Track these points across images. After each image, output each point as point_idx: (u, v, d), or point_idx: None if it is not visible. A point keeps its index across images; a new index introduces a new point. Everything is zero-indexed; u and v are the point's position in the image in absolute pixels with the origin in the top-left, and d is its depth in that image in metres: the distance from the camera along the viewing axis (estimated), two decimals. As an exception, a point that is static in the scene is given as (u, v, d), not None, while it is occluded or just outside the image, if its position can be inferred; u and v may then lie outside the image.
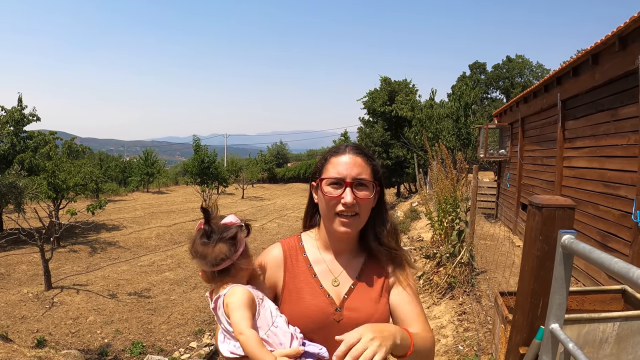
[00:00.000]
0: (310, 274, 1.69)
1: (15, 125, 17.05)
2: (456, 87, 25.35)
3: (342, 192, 1.60)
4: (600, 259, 1.24)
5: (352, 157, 1.65)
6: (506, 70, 48.02)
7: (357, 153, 1.67)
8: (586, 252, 1.34)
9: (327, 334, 1.55)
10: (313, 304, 1.61)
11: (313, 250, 1.75)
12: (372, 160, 1.70)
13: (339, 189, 1.61)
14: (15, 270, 12.42)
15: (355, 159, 1.65)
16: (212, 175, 23.99)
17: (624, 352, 3.83)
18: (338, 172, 1.63)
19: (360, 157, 1.66)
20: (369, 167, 1.66)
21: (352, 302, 1.63)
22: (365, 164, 1.66)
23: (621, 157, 6.21)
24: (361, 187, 1.62)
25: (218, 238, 1.57)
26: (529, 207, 1.84)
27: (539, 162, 10.43)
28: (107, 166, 38.53)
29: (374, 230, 1.73)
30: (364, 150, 1.71)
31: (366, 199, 1.62)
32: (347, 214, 1.61)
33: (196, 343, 8.25)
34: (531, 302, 1.85)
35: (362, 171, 1.63)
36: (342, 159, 1.65)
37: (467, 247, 7.28)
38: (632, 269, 1.08)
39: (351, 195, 1.59)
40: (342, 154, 1.67)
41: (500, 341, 4.27)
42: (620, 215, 6.13)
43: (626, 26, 5.73)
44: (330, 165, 1.67)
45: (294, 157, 64.91)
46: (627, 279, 1.08)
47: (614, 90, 6.53)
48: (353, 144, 1.72)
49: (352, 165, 1.63)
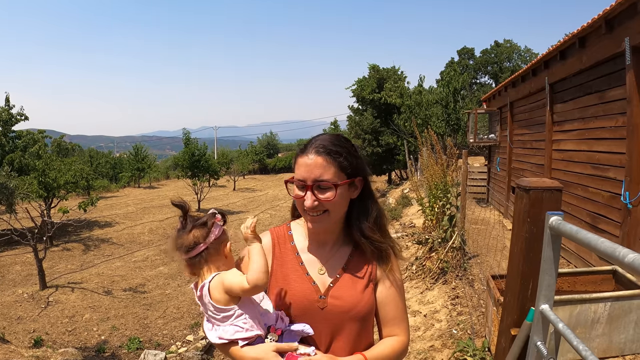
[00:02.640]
0: (297, 261, 1.71)
1: (3, 125, 16.91)
2: (445, 73, 25.30)
3: (304, 194, 1.60)
4: (587, 239, 1.26)
5: (313, 157, 1.60)
6: (494, 55, 48.03)
7: (319, 153, 1.61)
8: (573, 233, 1.37)
9: (310, 321, 1.60)
10: (299, 291, 1.64)
11: (301, 239, 1.77)
12: (338, 156, 1.62)
13: (303, 189, 1.61)
14: (9, 271, 12.37)
15: (316, 160, 1.59)
16: (203, 168, 23.93)
17: (616, 332, 3.89)
18: (300, 175, 1.61)
19: (322, 157, 1.60)
20: (332, 166, 1.60)
21: (337, 291, 1.66)
22: (328, 164, 1.60)
23: (610, 139, 6.25)
24: (322, 189, 1.59)
25: (192, 226, 1.62)
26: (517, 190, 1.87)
27: (529, 146, 10.48)
28: (97, 163, 38.28)
29: (357, 222, 1.71)
30: (328, 148, 1.62)
31: (329, 199, 1.59)
32: (314, 214, 1.62)
33: (193, 336, 8.27)
34: (521, 284, 1.88)
35: (323, 172, 1.59)
36: (305, 160, 1.61)
37: (459, 231, 7.32)
38: (617, 248, 1.10)
39: (312, 198, 1.58)
40: (305, 155, 1.62)
41: (493, 324, 4.33)
42: (609, 196, 6.18)
43: (612, 9, 5.74)
44: (296, 166, 1.64)
45: (284, 147, 64.79)
46: (613, 258, 1.11)
47: (601, 73, 6.56)
48: (319, 141, 1.65)
49: (313, 167, 1.59)
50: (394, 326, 1.71)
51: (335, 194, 1.59)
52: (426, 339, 5.58)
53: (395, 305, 1.72)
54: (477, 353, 4.55)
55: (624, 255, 1.06)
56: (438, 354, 5.09)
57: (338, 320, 1.62)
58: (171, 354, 7.49)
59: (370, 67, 29.96)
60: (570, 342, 1.39)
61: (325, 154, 1.60)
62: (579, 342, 1.35)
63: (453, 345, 5.06)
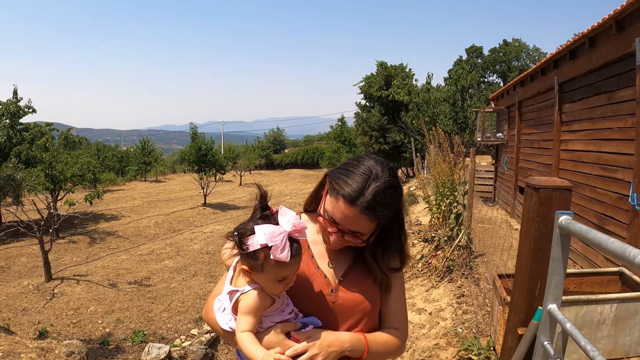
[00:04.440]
0: (308, 255, 1.69)
1: (11, 118, 16.97)
2: (453, 71, 25.25)
3: (332, 233, 1.55)
4: (597, 239, 1.25)
5: (357, 214, 1.47)
6: (503, 54, 47.79)
7: (364, 212, 1.46)
8: (583, 233, 1.35)
9: (321, 314, 1.59)
10: (310, 284, 1.64)
11: (312, 232, 1.74)
12: (382, 217, 1.51)
13: (332, 225, 1.53)
14: (15, 262, 12.44)
15: (358, 218, 1.48)
16: (210, 162, 23.94)
17: (622, 334, 3.87)
18: (335, 216, 1.50)
19: (367, 216, 1.47)
20: (372, 224, 1.52)
21: (347, 285, 1.65)
22: (370, 223, 1.50)
23: (618, 140, 6.22)
24: (355, 235, 1.53)
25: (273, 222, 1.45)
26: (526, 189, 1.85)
27: (536, 146, 10.43)
28: (104, 156, 38.41)
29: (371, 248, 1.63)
30: (376, 210, 1.48)
31: (357, 244, 1.57)
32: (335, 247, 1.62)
33: (197, 330, 8.29)
34: (529, 283, 1.87)
35: (360, 228, 1.51)
36: (345, 211, 1.48)
37: (465, 230, 7.30)
38: (628, 248, 1.09)
39: (339, 241, 1.56)
40: (348, 203, 1.47)
41: (498, 323, 4.31)
42: (617, 197, 6.15)
43: (623, 9, 5.70)
44: (333, 199, 1.51)
45: (291, 143, 64.71)
46: (623, 259, 1.10)
47: (611, 73, 6.52)
48: (370, 197, 1.46)
49: (352, 221, 1.49)
50: (395, 320, 1.72)
51: (365, 239, 1.56)
52: (431, 337, 5.57)
53: (397, 300, 1.73)
54: (482, 352, 4.54)
55: (634, 256, 1.05)
56: (443, 352, 5.09)
57: (348, 314, 1.62)
58: (175, 347, 7.51)
59: (378, 64, 29.90)
60: (578, 342, 1.38)
61: (371, 215, 1.48)
62: (586, 342, 1.34)
63: (458, 344, 5.05)
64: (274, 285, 1.45)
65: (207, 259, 12.75)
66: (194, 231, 16.42)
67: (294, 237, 1.44)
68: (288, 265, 1.41)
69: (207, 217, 19.20)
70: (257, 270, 1.42)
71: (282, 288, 1.48)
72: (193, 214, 19.93)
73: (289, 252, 1.39)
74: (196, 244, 14.37)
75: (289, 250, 1.39)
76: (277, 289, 1.47)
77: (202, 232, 16.10)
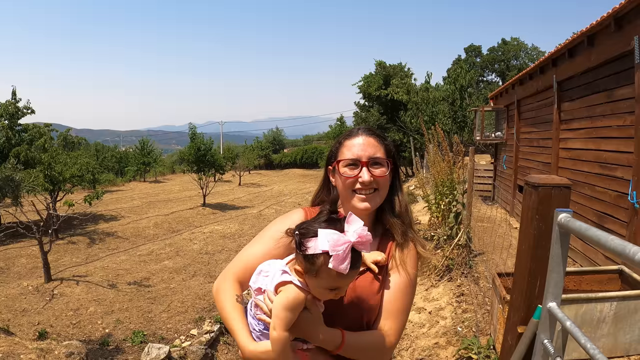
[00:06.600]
0: None
1: (9, 119, 16.95)
2: (452, 70, 25.25)
3: (359, 172, 1.69)
4: (597, 236, 1.25)
5: (365, 138, 1.74)
6: (502, 53, 47.81)
7: (370, 134, 1.76)
8: (582, 230, 1.35)
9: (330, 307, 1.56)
10: None
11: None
12: (384, 139, 1.79)
13: (355, 169, 1.70)
14: (14, 263, 12.42)
15: (368, 140, 1.74)
16: (209, 163, 23.91)
17: (622, 332, 3.87)
18: (353, 154, 1.71)
19: (373, 137, 1.75)
20: (382, 147, 1.75)
21: (359, 281, 1.65)
22: (378, 144, 1.75)
23: (617, 138, 6.22)
24: (377, 165, 1.71)
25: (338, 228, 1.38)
26: (526, 187, 1.85)
27: (535, 144, 10.43)
28: (103, 157, 38.37)
29: (389, 204, 1.79)
30: (376, 132, 1.80)
31: (383, 175, 1.70)
32: (366, 192, 1.69)
33: (197, 330, 8.28)
34: (529, 281, 1.87)
35: (376, 150, 1.72)
36: (356, 141, 1.74)
37: (465, 229, 7.30)
38: (628, 245, 1.09)
39: (368, 174, 1.68)
40: (355, 136, 1.76)
41: (498, 322, 4.31)
42: (616, 196, 6.15)
43: (622, 7, 5.71)
44: (345, 148, 1.75)
45: (290, 143, 64.66)
46: (623, 256, 1.09)
47: (609, 72, 6.52)
48: (365, 127, 1.82)
49: (366, 145, 1.72)
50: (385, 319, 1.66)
51: (387, 170, 1.72)
52: (431, 336, 5.57)
53: (393, 300, 1.68)
54: (482, 351, 4.54)
55: (634, 253, 1.05)
56: (443, 351, 5.09)
57: (347, 310, 1.61)
58: (175, 347, 7.50)
59: (377, 64, 29.90)
60: (578, 340, 1.37)
61: (375, 135, 1.77)
62: (586, 340, 1.34)
63: (458, 343, 5.05)
64: (323, 291, 1.41)
65: (206, 259, 12.73)
66: (194, 231, 16.39)
67: (357, 249, 1.37)
68: (345, 276, 1.36)
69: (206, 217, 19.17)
70: (310, 273, 1.38)
71: (332, 296, 1.44)
72: (192, 214, 19.90)
73: (349, 264, 1.33)
74: (195, 244, 14.35)
75: (349, 262, 1.33)
76: (325, 296, 1.43)
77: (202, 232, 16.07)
